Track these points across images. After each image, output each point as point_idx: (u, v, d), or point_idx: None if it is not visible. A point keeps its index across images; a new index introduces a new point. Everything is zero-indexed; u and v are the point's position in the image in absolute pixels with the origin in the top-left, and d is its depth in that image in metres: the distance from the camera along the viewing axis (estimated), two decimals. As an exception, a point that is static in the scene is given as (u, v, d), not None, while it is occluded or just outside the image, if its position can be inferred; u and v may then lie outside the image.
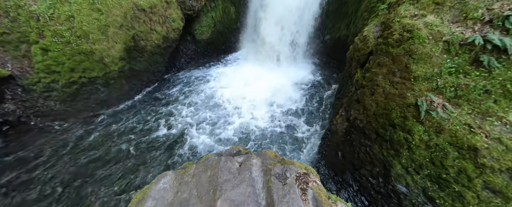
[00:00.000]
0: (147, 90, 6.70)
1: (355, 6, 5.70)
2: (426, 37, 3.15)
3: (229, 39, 8.23)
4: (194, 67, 7.88)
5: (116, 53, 5.02)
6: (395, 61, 3.46)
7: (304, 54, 7.37)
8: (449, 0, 3.12)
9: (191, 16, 6.66)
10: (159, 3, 5.48)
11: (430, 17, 3.24)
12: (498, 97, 2.52)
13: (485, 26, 2.78)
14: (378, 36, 4.05)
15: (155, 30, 5.70)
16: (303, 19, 6.58)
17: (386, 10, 4.19)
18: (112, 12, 4.61)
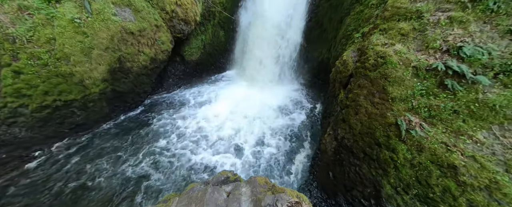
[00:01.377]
0: (131, 112, 6.38)
1: (333, 33, 6.30)
2: (397, 63, 3.49)
3: (218, 60, 8.45)
4: (183, 87, 7.79)
5: (98, 74, 4.83)
6: (373, 84, 3.74)
7: (290, 74, 7.74)
8: (412, 32, 3.56)
9: (181, 38, 6.82)
10: (149, 27, 5.58)
11: (398, 45, 3.64)
12: (466, 117, 2.77)
13: (444, 55, 3.18)
14: (356, 60, 4.42)
15: (143, 52, 5.68)
16: (288, 43, 7.09)
17: (360, 38, 4.68)
18: (98, 35, 4.57)
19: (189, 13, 6.41)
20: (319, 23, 6.73)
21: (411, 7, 3.58)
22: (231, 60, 8.57)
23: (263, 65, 7.51)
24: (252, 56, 7.47)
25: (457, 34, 3.14)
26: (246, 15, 7.42)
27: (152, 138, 5.62)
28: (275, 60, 7.32)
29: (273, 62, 7.35)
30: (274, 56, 7.26)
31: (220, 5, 7.14)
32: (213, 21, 7.54)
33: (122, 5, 4.93)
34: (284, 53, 7.16)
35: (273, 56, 7.27)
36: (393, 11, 3.84)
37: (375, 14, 4.53)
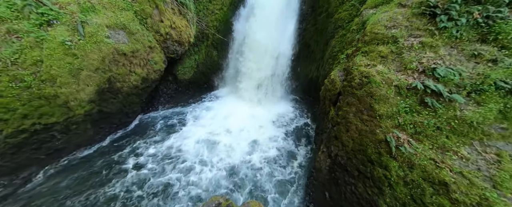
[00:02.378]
0: (117, 133, 6.06)
1: (320, 54, 6.72)
2: (380, 82, 3.71)
3: (211, 79, 8.57)
4: (174, 105, 7.67)
5: (85, 95, 4.67)
6: (361, 101, 3.90)
7: (282, 92, 7.95)
8: (390, 55, 3.88)
9: (174, 58, 6.94)
10: (142, 48, 5.67)
11: (380, 66, 3.91)
12: (448, 133, 2.91)
13: (421, 75, 3.46)
14: (343, 79, 4.66)
15: (134, 72, 5.66)
16: (279, 62, 7.43)
17: (345, 59, 5.02)
18: (89, 56, 4.54)
19: (183, 35, 6.65)
20: (307, 44, 7.21)
21: (387, 33, 3.96)
22: (224, 79, 8.73)
23: (255, 83, 7.70)
24: (244, 74, 7.68)
25: (430, 57, 3.47)
26: (238, 36, 7.83)
27: (135, 168, 5.28)
28: (267, 79, 7.55)
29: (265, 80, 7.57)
30: (266, 75, 7.51)
31: (213, 28, 7.51)
32: (207, 42, 7.84)
33: (117, 28, 5.04)
34: (275, 72, 7.45)
35: (265, 74, 7.52)
36: (372, 36, 4.22)
37: (356, 38, 4.96)
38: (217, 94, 8.70)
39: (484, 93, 2.80)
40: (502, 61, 2.82)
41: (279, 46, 7.19)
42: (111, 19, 4.90)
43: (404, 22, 3.87)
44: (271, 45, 7.10)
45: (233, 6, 7.74)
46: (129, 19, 5.25)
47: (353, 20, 5.56)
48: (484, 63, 2.97)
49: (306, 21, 7.24)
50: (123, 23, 5.12)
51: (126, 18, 5.18)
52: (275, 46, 7.17)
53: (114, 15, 4.97)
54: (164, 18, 5.95)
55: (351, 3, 5.57)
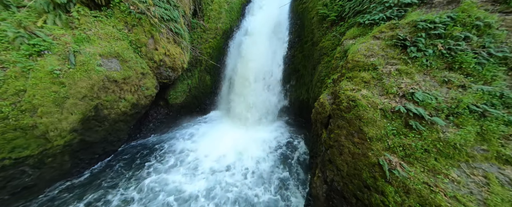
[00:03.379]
0: (98, 165, 5.58)
1: (309, 78, 7.10)
2: (366, 105, 3.89)
3: (204, 102, 8.57)
4: (164, 131, 7.40)
5: (67, 125, 4.41)
6: (351, 124, 4.00)
7: (275, 114, 8.04)
8: (372, 80, 4.17)
9: (166, 84, 6.98)
10: (134, 75, 5.70)
11: (364, 91, 4.16)
12: (436, 155, 3.00)
13: (402, 99, 3.70)
14: (332, 102, 4.85)
15: (124, 98, 5.55)
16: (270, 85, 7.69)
17: (332, 83, 5.33)
18: (78, 84, 4.46)
19: (176, 62, 6.84)
20: (296, 69, 7.65)
21: (367, 61, 4.34)
22: (217, 102, 8.76)
23: (248, 106, 7.78)
24: (237, 98, 7.80)
25: (407, 83, 3.77)
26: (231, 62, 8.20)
27: (119, 192, 4.77)
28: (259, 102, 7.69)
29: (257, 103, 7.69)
30: (258, 98, 7.68)
31: (206, 55, 7.86)
32: (200, 67, 8.08)
33: (110, 57, 5.12)
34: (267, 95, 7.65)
35: (257, 98, 7.68)
36: (354, 63, 4.59)
37: (340, 64, 5.37)
38: (209, 118, 8.59)
39: (461, 116, 3.01)
40: (470, 87, 3.13)
41: (270, 71, 7.56)
42: (105, 48, 5.00)
43: (380, 52, 4.30)
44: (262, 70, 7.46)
45: (225, 35, 8.29)
46: (124, 47, 5.40)
47: (336, 49, 6.08)
48: (455, 89, 3.27)
49: (294, 48, 7.83)
50: (117, 51, 5.23)
51: (120, 47, 5.32)
52: (266, 71, 7.53)
53: (109, 45, 5.10)
54: (158, 46, 6.18)
55: (332, 34, 6.18)
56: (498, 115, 2.77)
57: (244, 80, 7.76)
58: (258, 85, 7.67)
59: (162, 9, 5.92)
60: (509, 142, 2.65)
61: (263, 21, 8.17)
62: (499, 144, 2.68)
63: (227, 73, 8.26)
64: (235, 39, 8.37)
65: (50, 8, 4.13)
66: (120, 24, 5.44)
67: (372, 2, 5.10)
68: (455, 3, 3.76)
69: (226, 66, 8.31)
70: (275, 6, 8.03)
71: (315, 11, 6.85)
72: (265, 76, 7.58)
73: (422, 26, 3.77)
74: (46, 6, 4.09)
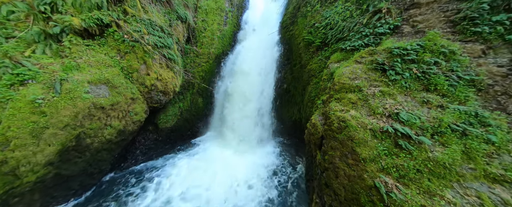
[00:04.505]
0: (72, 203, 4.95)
1: (300, 98, 7.31)
2: (356, 126, 3.98)
3: (195, 125, 8.37)
4: (151, 158, 6.95)
5: (43, 158, 4.04)
6: (343, 145, 4.02)
7: (268, 135, 7.96)
8: (359, 101, 4.36)
9: (157, 108, 6.84)
10: (123, 100, 5.57)
11: (352, 111, 4.30)
12: (429, 175, 3.02)
13: (389, 119, 3.85)
14: (323, 123, 4.93)
15: (110, 125, 5.30)
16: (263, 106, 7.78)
17: (322, 104, 5.51)
18: (60, 113, 4.25)
19: (168, 86, 6.84)
20: (287, 90, 7.90)
21: (352, 83, 4.60)
22: (209, 124, 8.60)
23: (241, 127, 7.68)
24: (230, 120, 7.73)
25: (391, 103, 3.99)
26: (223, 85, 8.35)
27: None
28: (253, 123, 7.66)
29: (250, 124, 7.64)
30: (251, 119, 7.66)
31: (199, 78, 7.99)
32: (192, 90, 8.12)
33: (99, 83, 5.03)
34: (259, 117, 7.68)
35: (250, 118, 7.67)
36: (340, 85, 4.83)
37: (328, 86, 5.65)
38: (200, 141, 8.29)
39: (444, 135, 3.15)
40: (447, 107, 3.36)
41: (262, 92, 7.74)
42: (94, 75, 4.95)
43: (363, 75, 4.61)
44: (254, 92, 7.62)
45: (218, 59, 8.61)
46: (114, 74, 5.37)
47: (323, 71, 6.46)
48: (435, 109, 3.49)
49: (284, 70, 8.22)
50: (106, 78, 5.18)
51: (111, 73, 5.30)
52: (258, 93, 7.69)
53: (99, 72, 5.06)
54: (150, 71, 6.23)
55: (318, 58, 6.63)
56: (477, 133, 2.94)
57: (236, 102, 7.82)
58: (250, 106, 7.73)
59: (156, 37, 6.14)
60: (493, 160, 2.76)
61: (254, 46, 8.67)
62: (484, 162, 2.77)
63: (219, 95, 8.33)
64: (227, 63, 8.68)
65: (41, 38, 4.15)
66: (113, 51, 5.51)
67: (351, 31, 5.66)
68: (421, 33, 4.27)
69: (218, 89, 8.41)
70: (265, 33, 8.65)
71: (301, 37, 7.43)
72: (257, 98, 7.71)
73: (397, 52, 4.17)
74: (37, 36, 4.12)
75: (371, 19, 5.27)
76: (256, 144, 7.67)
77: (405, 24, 4.65)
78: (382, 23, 4.99)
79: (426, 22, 4.32)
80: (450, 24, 3.99)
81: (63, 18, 4.41)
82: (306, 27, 7.29)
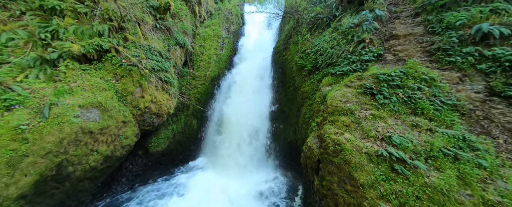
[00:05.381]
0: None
1: (295, 119, 7.37)
2: (352, 149, 3.97)
3: (188, 148, 8.06)
4: (138, 186, 6.43)
5: (15, 190, 3.65)
6: (340, 170, 3.94)
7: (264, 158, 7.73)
8: (352, 124, 4.44)
9: (149, 131, 6.63)
10: (114, 124, 5.39)
11: (347, 134, 4.34)
12: (428, 202, 2.94)
13: (382, 142, 3.89)
14: (319, 146, 4.89)
15: (97, 151, 5.01)
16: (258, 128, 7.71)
17: (317, 126, 5.56)
18: (44, 139, 4.01)
19: (163, 108, 6.78)
20: (282, 111, 8.00)
21: (344, 106, 4.75)
22: (202, 147, 8.31)
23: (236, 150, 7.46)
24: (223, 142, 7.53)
25: (383, 126, 4.08)
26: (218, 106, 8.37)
27: None
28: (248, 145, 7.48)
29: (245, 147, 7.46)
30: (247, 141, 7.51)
31: (194, 100, 8.03)
32: (187, 111, 8.05)
33: (90, 107, 4.93)
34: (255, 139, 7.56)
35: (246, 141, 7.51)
36: (333, 108, 4.97)
37: (321, 108, 5.80)
38: (192, 166, 7.87)
39: (437, 159, 3.19)
40: (436, 130, 3.48)
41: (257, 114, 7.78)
42: (87, 99, 4.88)
43: (354, 98, 4.80)
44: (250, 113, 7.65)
45: (214, 81, 8.82)
46: (108, 97, 5.32)
47: (316, 93, 6.69)
48: (424, 132, 3.60)
49: (279, 92, 8.44)
50: (99, 101, 5.10)
51: (104, 96, 5.24)
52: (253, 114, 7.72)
53: (92, 95, 5.01)
54: (145, 94, 6.22)
55: (311, 81, 6.93)
56: (468, 157, 3.00)
57: (231, 124, 7.75)
58: (245, 128, 7.66)
59: (154, 61, 6.32)
60: (488, 186, 2.76)
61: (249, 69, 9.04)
62: (480, 188, 2.77)
63: (214, 117, 8.28)
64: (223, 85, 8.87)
65: (36, 63, 4.18)
66: (109, 75, 5.56)
67: (339, 57, 6.09)
68: (402, 61, 4.66)
69: (213, 110, 8.40)
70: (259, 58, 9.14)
71: (294, 62, 7.87)
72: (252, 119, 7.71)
73: (383, 78, 4.46)
74: (33, 62, 4.14)
75: (356, 48, 5.75)
76: (252, 169, 7.36)
77: (387, 53, 5.08)
78: (367, 51, 5.44)
79: (406, 51, 4.75)
80: (427, 54, 4.40)
81: (63, 45, 4.53)
82: (298, 53, 7.80)
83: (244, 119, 7.90)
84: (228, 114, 8.04)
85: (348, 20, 6.35)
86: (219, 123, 8.03)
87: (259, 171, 7.41)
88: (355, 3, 6.74)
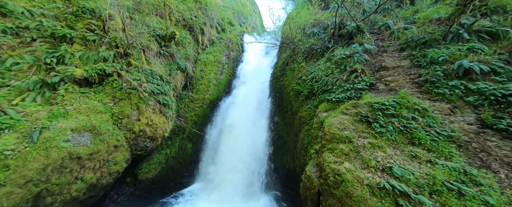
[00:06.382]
0: None
1: (293, 145, 7.22)
2: (353, 181, 3.80)
3: (181, 174, 7.59)
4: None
5: (-19, 227, 3.23)
6: (342, 204, 3.69)
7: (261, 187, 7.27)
8: (351, 153, 4.36)
9: (141, 155, 6.33)
10: (105, 148, 5.16)
11: (346, 164, 4.21)
12: (441, 246, 2.70)
13: (383, 173, 3.77)
14: (318, 176, 4.69)
15: (81, 179, 4.66)
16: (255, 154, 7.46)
17: (315, 154, 5.43)
18: (27, 166, 3.76)
19: (158, 131, 6.63)
20: (280, 136, 7.89)
21: (342, 133, 4.74)
22: (196, 174, 7.85)
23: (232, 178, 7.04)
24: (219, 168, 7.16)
25: (383, 156, 4.01)
26: (215, 129, 8.25)
27: None
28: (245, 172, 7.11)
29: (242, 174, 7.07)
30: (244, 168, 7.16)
31: (191, 123, 7.93)
32: (183, 135, 7.86)
33: (83, 131, 4.78)
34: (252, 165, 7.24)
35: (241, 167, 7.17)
36: (331, 135, 4.94)
37: (319, 135, 5.76)
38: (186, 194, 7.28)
39: (442, 195, 3.05)
40: (436, 162, 3.43)
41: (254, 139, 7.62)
42: (81, 122, 4.77)
43: (351, 126, 4.83)
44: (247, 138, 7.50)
45: (212, 105, 8.89)
46: (103, 120, 5.22)
47: (313, 119, 6.73)
48: (424, 164, 3.53)
49: (277, 116, 8.47)
50: (93, 124, 4.99)
51: (99, 119, 5.15)
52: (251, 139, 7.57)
53: (87, 118, 4.92)
54: (142, 117, 6.16)
55: (308, 107, 7.05)
56: (473, 193, 2.89)
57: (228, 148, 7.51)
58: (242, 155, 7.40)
59: (154, 85, 6.45)
60: (499, 227, 2.59)
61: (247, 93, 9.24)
62: (492, 230, 2.59)
63: (210, 141, 8.06)
64: (221, 108, 8.92)
65: (36, 87, 4.21)
66: (108, 98, 5.58)
67: (334, 85, 6.36)
68: (394, 91, 4.88)
69: (210, 135, 8.23)
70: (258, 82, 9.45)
71: (291, 87, 8.14)
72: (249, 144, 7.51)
73: (377, 106, 4.59)
74: (33, 85, 4.18)
75: (349, 76, 6.06)
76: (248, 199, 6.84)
77: (379, 83, 5.35)
78: (360, 80, 5.72)
79: (396, 82, 5.02)
80: (416, 85, 4.65)
81: (66, 69, 4.65)
82: (295, 79, 8.13)
83: (241, 144, 7.70)
84: (225, 138, 7.87)
85: (340, 52, 6.85)
86: (215, 148, 7.77)
87: (256, 200, 6.86)
88: (346, 37, 7.40)
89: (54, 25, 4.98)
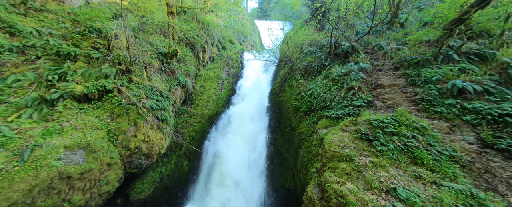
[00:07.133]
0: None
1: (293, 162, 7.01)
2: (356, 203, 3.61)
3: (176, 194, 7.18)
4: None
5: None
6: (348, 231, 3.45)
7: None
8: (353, 172, 4.22)
9: (134, 174, 6.06)
10: (97, 167, 4.95)
11: (349, 184, 4.05)
12: None
13: (388, 195, 3.61)
14: (320, 197, 4.46)
15: (69, 201, 4.37)
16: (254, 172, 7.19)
17: (316, 173, 5.25)
18: (13, 187, 3.55)
19: (154, 148, 6.45)
20: (279, 152, 7.70)
21: (342, 152, 4.65)
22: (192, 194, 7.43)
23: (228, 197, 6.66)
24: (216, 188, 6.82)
25: (386, 176, 3.88)
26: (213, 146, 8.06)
27: None
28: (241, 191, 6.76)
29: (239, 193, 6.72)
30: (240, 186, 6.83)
31: (189, 138, 7.78)
32: (179, 151, 7.64)
33: (76, 148, 4.64)
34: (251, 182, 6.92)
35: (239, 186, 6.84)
36: (331, 153, 4.83)
37: (320, 152, 5.63)
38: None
39: (452, 221, 2.89)
40: (441, 184, 3.32)
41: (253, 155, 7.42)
42: (75, 139, 4.65)
43: (351, 143, 4.76)
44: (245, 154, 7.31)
45: (210, 120, 8.82)
46: (98, 137, 5.10)
47: (313, 135, 6.65)
48: (429, 185, 3.41)
49: (276, 132, 8.37)
50: (88, 142, 4.85)
51: (95, 136, 5.03)
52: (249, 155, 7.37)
53: (82, 135, 4.81)
54: (139, 133, 6.04)
55: (307, 123, 7.02)
56: (484, 219, 2.74)
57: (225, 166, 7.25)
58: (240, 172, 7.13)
59: (153, 101, 6.46)
60: (517, 258, 2.41)
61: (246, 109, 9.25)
62: None
63: (208, 158, 7.82)
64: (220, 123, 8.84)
65: (34, 103, 4.18)
66: (105, 114, 5.53)
67: (332, 101, 6.43)
68: (391, 108, 4.93)
69: (207, 152, 8.02)
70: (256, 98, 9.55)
71: (290, 103, 8.20)
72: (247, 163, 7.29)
73: (376, 124, 4.58)
74: (31, 101, 4.16)
75: (347, 93, 6.16)
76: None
77: (377, 100, 5.43)
78: (357, 97, 5.81)
79: (393, 99, 5.10)
80: (413, 103, 4.72)
81: (67, 85, 4.69)
82: (293, 95, 8.23)
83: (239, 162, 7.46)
84: (223, 155, 7.64)
85: (336, 69, 7.07)
86: (212, 165, 7.50)
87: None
88: (341, 56, 7.71)
89: (60, 43, 5.15)
